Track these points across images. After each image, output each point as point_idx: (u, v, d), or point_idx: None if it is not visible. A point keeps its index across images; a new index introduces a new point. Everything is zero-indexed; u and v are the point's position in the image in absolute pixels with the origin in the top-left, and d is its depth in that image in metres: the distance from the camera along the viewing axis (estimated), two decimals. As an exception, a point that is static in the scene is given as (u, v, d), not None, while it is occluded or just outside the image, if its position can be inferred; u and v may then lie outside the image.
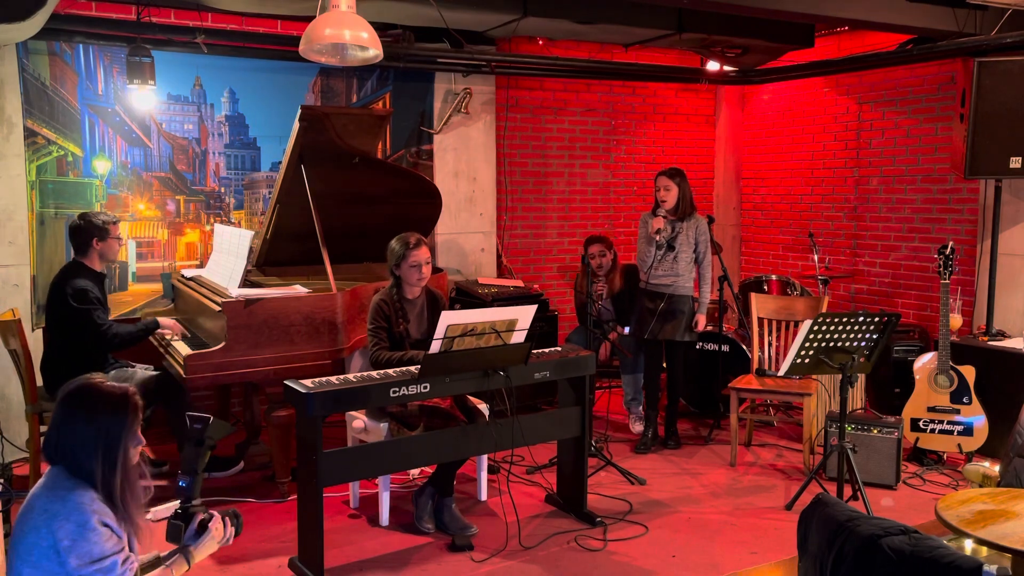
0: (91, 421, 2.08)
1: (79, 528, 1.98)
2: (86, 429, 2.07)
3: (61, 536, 1.96)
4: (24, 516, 2.02)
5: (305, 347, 4.14)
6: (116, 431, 2.10)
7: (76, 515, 1.99)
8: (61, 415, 2.10)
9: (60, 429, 2.08)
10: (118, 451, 2.10)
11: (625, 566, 3.55)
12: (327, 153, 4.43)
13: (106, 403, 2.12)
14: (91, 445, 2.06)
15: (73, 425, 2.08)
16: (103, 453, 2.07)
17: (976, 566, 1.98)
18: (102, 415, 2.09)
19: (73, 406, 2.10)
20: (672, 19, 5.38)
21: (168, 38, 4.90)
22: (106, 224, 4.28)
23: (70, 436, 2.07)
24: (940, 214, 5.80)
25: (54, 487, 2.04)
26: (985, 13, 4.98)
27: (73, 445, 2.06)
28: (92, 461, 2.06)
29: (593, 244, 5.38)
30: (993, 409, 4.47)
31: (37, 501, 2.03)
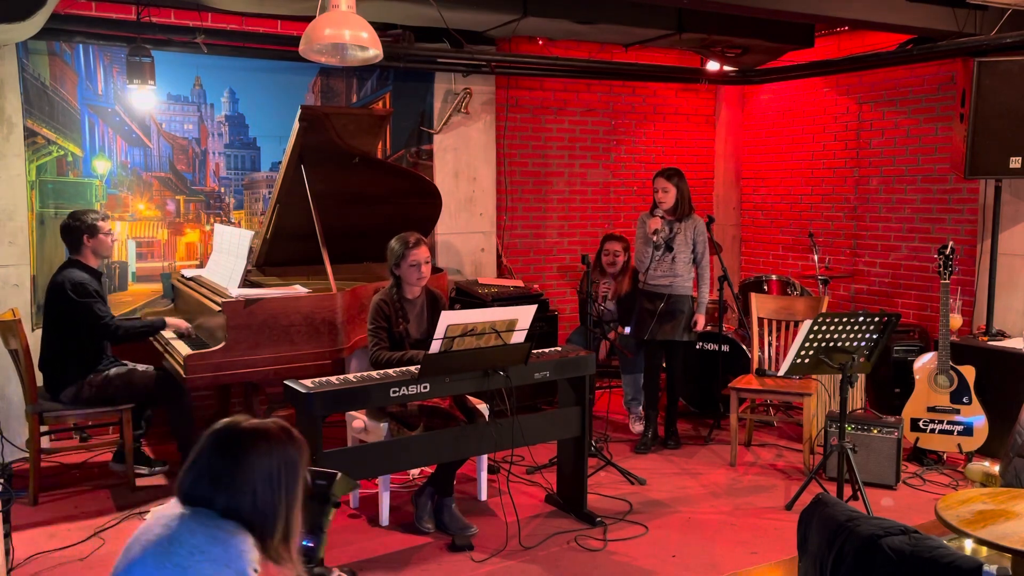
0: (252, 467, 1.89)
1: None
2: (243, 473, 1.88)
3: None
4: (162, 548, 1.83)
5: (305, 347, 4.14)
6: (284, 479, 1.93)
7: (237, 563, 1.82)
8: (213, 457, 1.91)
9: (218, 473, 1.89)
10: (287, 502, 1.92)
11: (625, 566, 3.55)
12: (327, 153, 4.43)
13: (273, 447, 1.93)
14: (252, 491, 1.88)
15: (228, 468, 1.89)
16: (269, 501, 1.89)
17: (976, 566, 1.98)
18: (268, 460, 1.91)
19: (230, 449, 1.91)
20: (672, 19, 5.38)
21: (168, 38, 4.90)
22: (95, 221, 4.29)
23: (223, 479, 1.88)
24: (940, 214, 5.80)
25: (209, 527, 1.85)
26: (985, 13, 4.98)
27: (225, 488, 1.88)
28: (253, 507, 1.88)
29: (611, 241, 5.37)
30: (993, 409, 4.47)
31: (184, 536, 1.83)
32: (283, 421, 1.99)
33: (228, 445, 1.91)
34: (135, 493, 4.26)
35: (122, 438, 4.28)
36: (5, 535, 3.29)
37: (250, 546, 1.84)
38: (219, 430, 1.93)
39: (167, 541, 1.84)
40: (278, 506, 1.90)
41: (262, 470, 1.89)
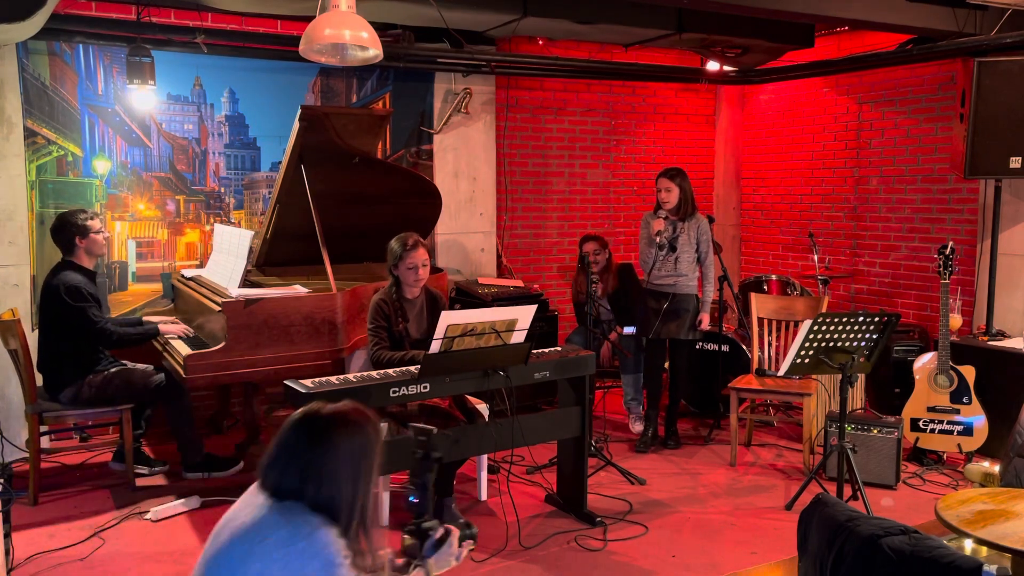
0: (337, 453, 1.91)
1: (326, 566, 1.83)
2: (330, 461, 1.90)
3: (308, 573, 1.82)
4: (249, 537, 1.86)
5: (305, 347, 4.14)
6: (365, 462, 1.95)
7: (325, 553, 1.84)
8: (299, 447, 1.92)
9: (306, 464, 1.90)
10: (366, 484, 1.94)
11: (625, 566, 3.55)
12: (327, 153, 4.43)
13: (355, 431, 1.95)
14: (337, 479, 1.90)
15: (315, 457, 1.90)
16: (351, 487, 1.91)
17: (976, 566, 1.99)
18: (350, 445, 1.93)
19: (315, 437, 1.92)
20: (672, 19, 5.38)
21: (168, 38, 4.90)
22: (84, 221, 4.28)
23: (311, 469, 1.90)
24: (940, 214, 5.80)
25: (295, 520, 1.86)
26: (985, 13, 4.98)
27: (313, 478, 1.89)
28: (338, 496, 1.89)
29: (588, 243, 5.38)
30: (993, 409, 4.47)
31: (271, 528, 1.85)
32: (356, 403, 2.02)
33: (314, 434, 1.92)
34: (135, 493, 4.26)
35: (122, 438, 4.28)
36: (5, 535, 3.29)
37: (335, 536, 1.87)
38: (303, 420, 1.95)
39: (255, 532, 1.86)
40: (360, 491, 1.92)
41: (347, 457, 1.91)
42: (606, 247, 5.43)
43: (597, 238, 5.44)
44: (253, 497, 1.95)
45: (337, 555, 1.84)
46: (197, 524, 3.92)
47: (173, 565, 3.53)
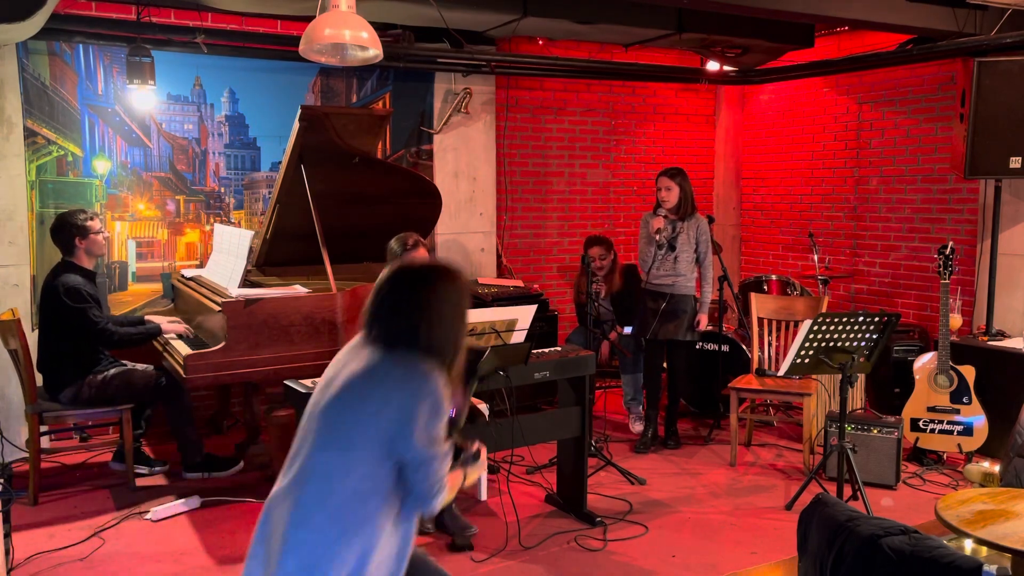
0: (439, 298, 2.06)
1: (435, 406, 1.97)
2: (434, 306, 2.05)
3: (419, 413, 1.95)
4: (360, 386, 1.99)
5: (305, 347, 4.14)
6: (462, 308, 2.10)
7: (436, 394, 1.98)
8: (402, 296, 2.07)
9: (405, 310, 2.04)
10: (463, 331, 2.10)
11: (625, 566, 3.55)
12: (327, 153, 4.43)
13: (452, 278, 2.11)
14: (440, 323, 2.05)
15: (420, 304, 2.05)
16: (452, 331, 2.07)
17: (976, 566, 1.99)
18: (449, 291, 2.08)
19: (418, 284, 2.07)
20: (672, 19, 5.38)
21: (168, 38, 4.90)
22: (84, 221, 4.27)
23: (416, 315, 2.04)
24: (940, 214, 5.80)
25: (406, 363, 2.00)
26: (985, 13, 4.98)
27: (420, 324, 2.03)
28: (442, 340, 2.04)
29: (593, 246, 5.38)
30: (993, 409, 4.47)
31: (383, 373, 2.00)
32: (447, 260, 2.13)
33: (417, 282, 2.08)
34: (135, 493, 4.26)
35: (122, 438, 4.28)
36: (5, 535, 3.29)
37: (443, 380, 2.02)
38: (404, 271, 2.11)
39: (370, 375, 2.00)
40: (458, 337, 2.08)
41: (447, 303, 2.08)
42: (611, 249, 5.43)
43: (603, 241, 5.44)
44: (358, 351, 2.08)
45: (444, 398, 1.99)
46: (197, 524, 3.92)
47: (173, 565, 3.53)
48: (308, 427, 2.05)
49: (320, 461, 1.99)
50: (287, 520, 1.97)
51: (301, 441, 2.07)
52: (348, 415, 1.98)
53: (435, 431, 1.98)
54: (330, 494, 1.95)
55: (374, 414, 1.95)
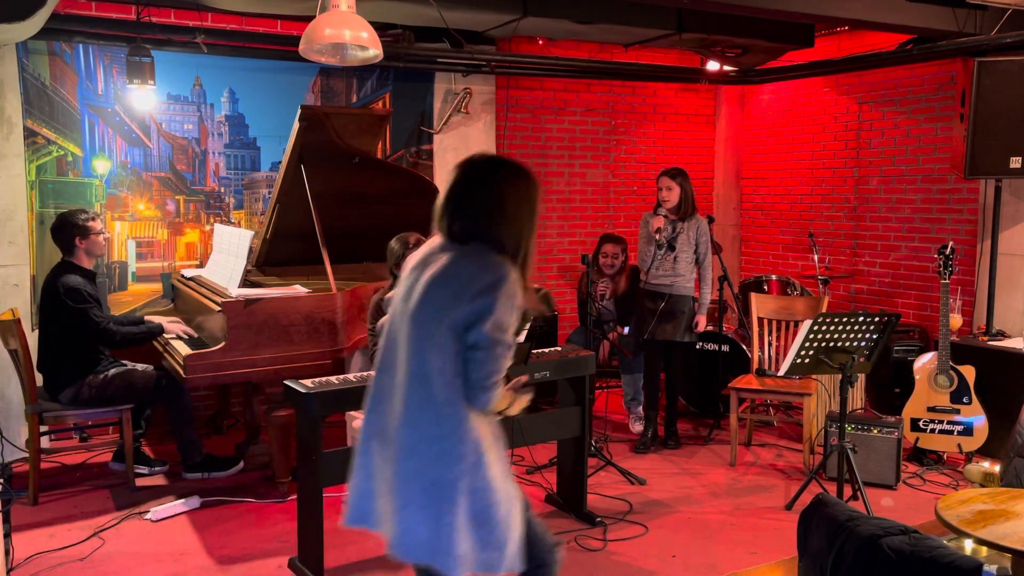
0: (509, 190, 2.14)
1: (508, 299, 2.04)
2: (507, 198, 2.13)
3: (491, 303, 2.02)
4: (443, 286, 2.08)
5: (305, 347, 4.14)
6: (532, 204, 2.17)
7: (507, 286, 2.05)
8: (473, 188, 2.15)
9: (477, 203, 2.13)
10: (532, 228, 2.16)
11: (625, 566, 3.55)
12: (327, 153, 4.43)
13: (522, 174, 2.18)
14: (512, 217, 2.12)
15: (490, 200, 2.12)
16: (522, 229, 2.13)
17: (976, 566, 1.98)
18: (519, 186, 2.15)
19: (489, 178, 2.15)
20: (672, 19, 5.38)
21: (168, 38, 4.90)
22: (85, 221, 4.27)
23: (487, 210, 2.12)
24: (940, 214, 5.80)
25: (480, 257, 2.09)
26: (985, 13, 4.98)
27: (492, 217, 2.11)
28: (510, 237, 2.11)
29: (609, 243, 5.38)
30: (993, 409, 4.47)
31: (461, 271, 2.08)
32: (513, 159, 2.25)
33: (483, 176, 2.17)
34: (135, 493, 4.26)
35: (122, 438, 4.28)
36: (5, 535, 3.29)
37: (515, 274, 2.08)
38: (472, 165, 2.19)
39: (446, 276, 2.09)
40: (528, 234, 2.15)
41: (518, 196, 2.14)
42: (625, 250, 5.44)
43: (619, 239, 5.44)
44: (436, 255, 2.16)
45: (516, 292, 2.06)
46: (197, 524, 3.92)
47: (173, 565, 3.53)
48: (396, 338, 2.16)
49: (417, 364, 2.09)
50: (399, 425, 2.10)
51: (389, 353, 2.18)
52: (435, 316, 2.07)
53: (505, 322, 2.04)
54: (433, 393, 2.06)
55: (454, 309, 2.04)
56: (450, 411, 2.07)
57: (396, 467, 2.10)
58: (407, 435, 2.09)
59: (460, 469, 2.06)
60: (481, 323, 2.02)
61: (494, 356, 2.05)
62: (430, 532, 2.06)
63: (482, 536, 2.09)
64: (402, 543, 2.10)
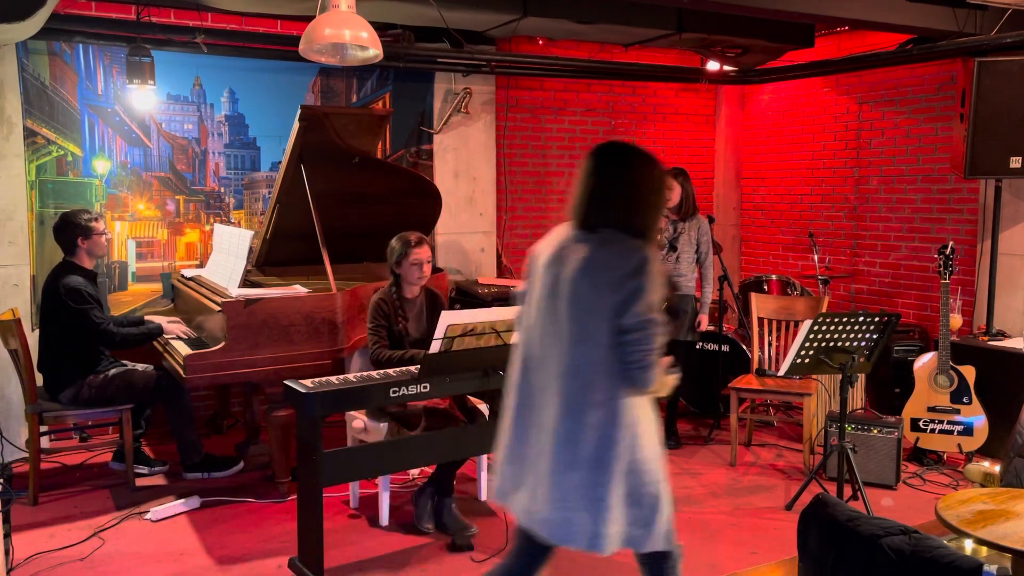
0: (638, 176, 2.25)
1: (653, 280, 2.15)
2: (637, 190, 2.25)
3: (643, 287, 2.14)
4: (586, 275, 2.19)
5: (305, 347, 4.14)
6: (661, 192, 2.32)
7: (650, 267, 2.16)
8: (604, 176, 2.26)
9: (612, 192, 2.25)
10: (659, 212, 2.31)
11: (625, 566, 3.54)
12: (327, 153, 4.43)
13: (651, 162, 2.30)
14: (641, 205, 2.24)
15: (624, 188, 2.24)
16: (653, 212, 2.26)
17: (976, 566, 1.98)
18: (653, 177, 2.28)
19: (623, 168, 2.26)
20: (672, 19, 5.38)
21: (168, 38, 4.90)
22: (88, 222, 4.27)
23: (622, 198, 2.24)
24: (940, 214, 5.80)
25: (618, 244, 2.21)
26: (985, 13, 4.98)
27: (623, 206, 2.23)
28: (643, 221, 2.24)
29: None
30: (993, 409, 4.47)
31: (600, 255, 2.20)
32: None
33: (616, 165, 2.27)
34: (135, 493, 4.26)
35: (122, 438, 4.28)
36: (5, 535, 3.29)
37: (652, 254, 2.19)
38: (604, 154, 2.30)
39: (589, 267, 2.20)
40: (657, 217, 2.27)
41: (645, 184, 2.26)
42: None
43: None
44: (571, 246, 2.28)
45: (656, 272, 2.16)
46: (197, 524, 3.92)
47: (173, 565, 3.53)
48: (540, 334, 2.28)
49: (572, 357, 2.21)
50: (556, 417, 2.21)
51: (532, 348, 2.32)
52: (587, 308, 2.18)
53: (653, 302, 2.16)
54: (589, 383, 2.19)
55: (606, 298, 2.15)
56: (605, 398, 2.20)
57: (554, 458, 2.23)
58: (566, 427, 2.21)
59: (616, 452, 2.21)
60: (633, 306, 2.13)
61: (649, 336, 2.15)
62: (590, 518, 2.22)
63: (633, 514, 2.25)
64: (562, 531, 2.28)
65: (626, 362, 2.16)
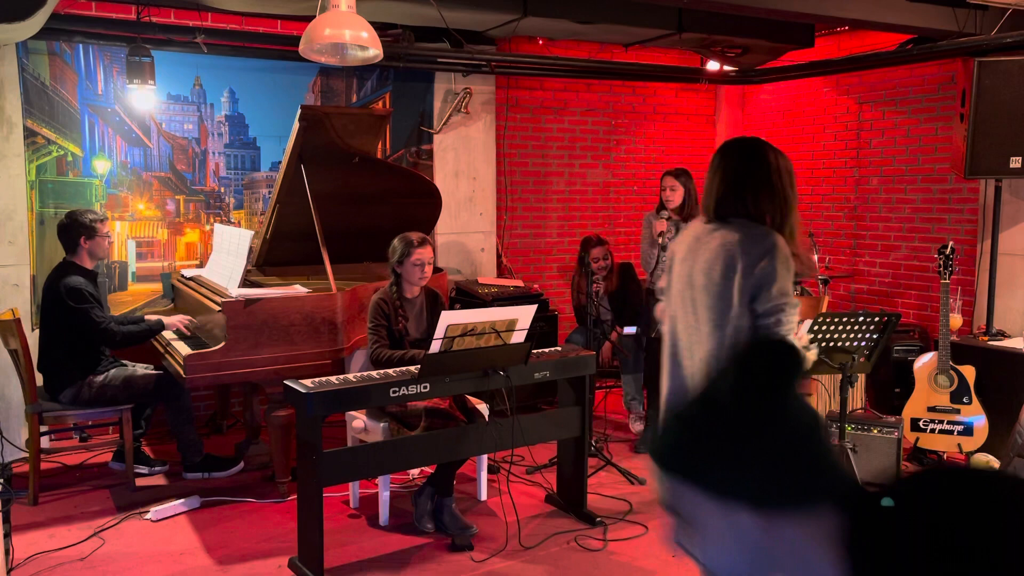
0: (776, 167, 2.36)
1: (784, 263, 2.24)
2: (774, 176, 2.35)
3: (774, 271, 2.23)
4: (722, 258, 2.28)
5: (305, 347, 4.14)
6: (791, 179, 2.40)
7: (780, 251, 2.24)
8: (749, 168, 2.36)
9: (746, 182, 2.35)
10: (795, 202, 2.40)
11: (625, 566, 3.55)
12: (327, 153, 4.43)
13: (779, 154, 2.40)
14: (776, 195, 2.34)
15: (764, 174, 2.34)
16: (788, 204, 2.36)
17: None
18: (782, 165, 2.38)
19: (759, 157, 2.37)
20: (672, 19, 5.38)
21: (168, 38, 4.90)
22: (93, 222, 4.27)
23: (755, 188, 2.33)
24: (940, 214, 5.80)
25: (749, 230, 2.30)
26: (985, 13, 4.98)
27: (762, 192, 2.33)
28: (776, 209, 2.33)
29: (596, 248, 5.38)
30: (993, 409, 4.47)
31: (734, 243, 2.28)
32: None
33: (752, 155, 2.38)
34: (135, 493, 4.26)
35: (122, 438, 4.28)
36: (5, 535, 3.29)
37: (783, 240, 2.27)
38: (733, 148, 2.43)
39: (723, 252, 2.30)
40: (792, 207, 2.36)
41: (777, 172, 2.36)
42: (610, 252, 5.44)
43: (603, 241, 5.43)
44: (704, 238, 2.37)
45: (789, 256, 2.25)
46: (197, 524, 3.92)
47: (173, 565, 3.53)
48: (690, 320, 2.40)
49: (714, 341, 2.32)
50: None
51: (675, 338, 2.54)
52: (721, 295, 2.28)
53: (785, 285, 2.24)
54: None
55: (738, 284, 2.24)
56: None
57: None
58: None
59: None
60: (766, 290, 2.22)
61: (783, 319, 2.24)
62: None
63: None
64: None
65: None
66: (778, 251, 2.24)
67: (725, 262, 2.28)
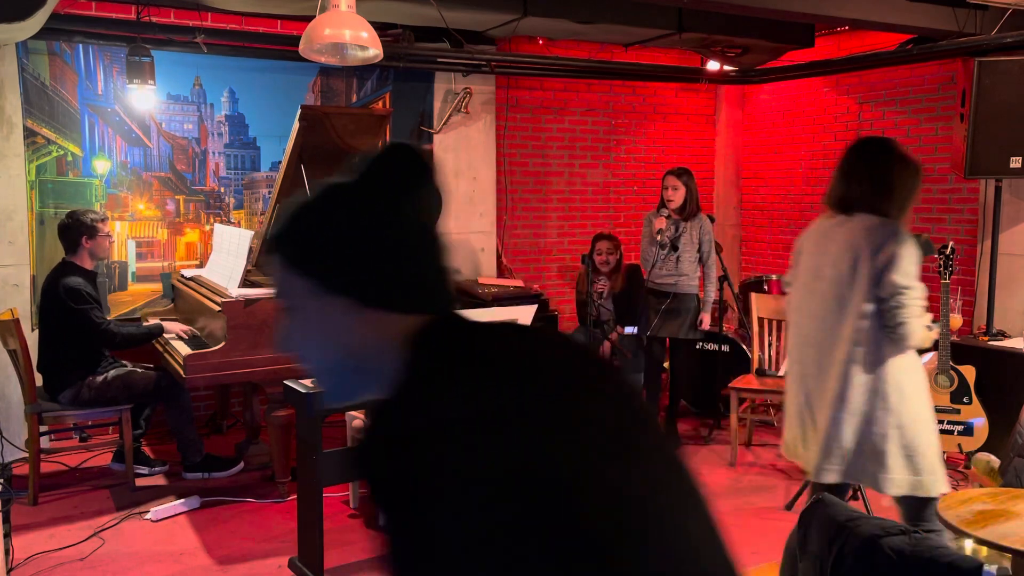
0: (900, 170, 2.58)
1: (906, 248, 2.45)
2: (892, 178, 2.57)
3: (896, 255, 2.45)
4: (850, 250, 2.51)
5: (305, 347, 4.13)
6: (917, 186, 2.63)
7: (902, 236, 2.47)
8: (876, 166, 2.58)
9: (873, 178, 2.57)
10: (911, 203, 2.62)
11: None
12: (327, 153, 4.43)
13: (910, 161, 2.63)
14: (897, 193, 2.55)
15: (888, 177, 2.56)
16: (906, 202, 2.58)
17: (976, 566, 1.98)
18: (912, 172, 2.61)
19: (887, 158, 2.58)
20: (672, 19, 5.38)
21: (168, 38, 4.90)
22: (95, 222, 4.27)
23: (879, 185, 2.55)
24: (940, 214, 5.80)
25: (871, 220, 2.53)
26: (985, 13, 4.97)
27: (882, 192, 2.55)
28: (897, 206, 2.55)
29: (602, 240, 5.38)
30: (993, 409, 4.47)
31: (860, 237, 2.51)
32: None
33: (881, 153, 2.59)
34: (135, 493, 4.26)
35: (122, 438, 4.28)
36: (5, 535, 3.29)
37: (904, 229, 2.50)
38: (867, 146, 2.64)
39: (847, 242, 2.54)
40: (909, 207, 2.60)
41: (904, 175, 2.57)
42: (619, 247, 5.42)
43: (611, 237, 5.43)
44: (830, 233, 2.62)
45: (911, 244, 2.45)
46: (197, 524, 3.92)
47: (173, 565, 3.53)
48: (810, 314, 2.64)
49: (841, 326, 2.55)
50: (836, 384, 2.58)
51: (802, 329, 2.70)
52: (849, 283, 2.51)
53: (908, 269, 2.46)
54: (860, 350, 2.55)
55: (864, 270, 2.48)
56: (874, 360, 2.55)
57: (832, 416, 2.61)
58: (844, 390, 2.58)
59: (888, 407, 2.58)
60: (889, 274, 2.43)
61: (907, 300, 2.45)
62: (871, 462, 2.64)
63: (914, 463, 2.64)
64: (849, 470, 2.68)
65: (887, 327, 2.50)
66: (899, 236, 2.44)
67: (851, 250, 2.49)
